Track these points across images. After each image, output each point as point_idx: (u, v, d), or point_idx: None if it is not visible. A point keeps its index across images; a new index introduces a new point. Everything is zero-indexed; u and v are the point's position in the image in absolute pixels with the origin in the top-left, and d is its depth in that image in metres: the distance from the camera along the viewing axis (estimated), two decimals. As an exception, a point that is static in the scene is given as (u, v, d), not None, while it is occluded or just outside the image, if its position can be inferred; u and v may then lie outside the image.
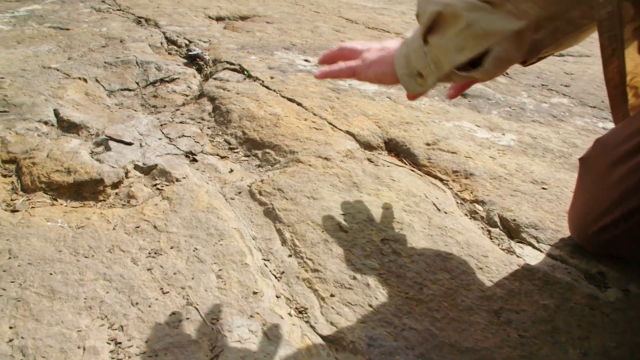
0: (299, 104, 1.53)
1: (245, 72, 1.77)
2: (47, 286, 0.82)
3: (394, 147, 1.35)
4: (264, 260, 0.92)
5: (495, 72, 0.71)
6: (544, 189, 1.16)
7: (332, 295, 0.83)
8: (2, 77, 1.61)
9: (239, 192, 1.12)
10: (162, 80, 1.74)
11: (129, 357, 0.71)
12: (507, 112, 1.63)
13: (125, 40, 2.12)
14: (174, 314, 0.78)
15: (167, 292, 0.82)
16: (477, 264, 0.92)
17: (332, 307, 0.81)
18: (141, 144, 1.30)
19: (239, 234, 0.97)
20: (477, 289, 0.86)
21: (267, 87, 1.66)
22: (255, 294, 0.82)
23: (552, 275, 0.89)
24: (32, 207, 1.05)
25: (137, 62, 1.84)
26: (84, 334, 0.74)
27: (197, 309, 0.78)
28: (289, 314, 0.80)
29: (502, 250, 0.98)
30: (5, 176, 1.15)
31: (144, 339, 0.73)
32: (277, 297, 0.83)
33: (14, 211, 1.03)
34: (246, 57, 1.94)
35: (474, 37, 0.66)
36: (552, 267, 0.92)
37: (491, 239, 1.02)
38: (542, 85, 1.95)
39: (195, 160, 1.25)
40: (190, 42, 2.14)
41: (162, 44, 2.13)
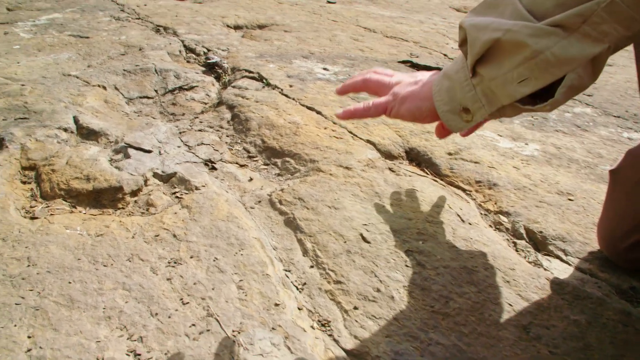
0: (319, 113, 1.52)
1: (264, 81, 1.76)
2: (65, 295, 0.81)
3: (415, 157, 1.32)
4: (285, 271, 0.90)
5: (564, 102, 0.63)
6: (570, 200, 1.13)
7: (356, 307, 0.81)
8: (22, 84, 1.62)
9: (259, 201, 1.11)
10: (180, 88, 1.74)
11: (149, 369, 0.69)
12: (529, 121, 1.60)
13: (144, 48, 2.12)
14: (194, 325, 0.76)
15: (187, 302, 0.80)
16: (504, 277, 0.89)
17: (356, 320, 0.79)
18: (160, 152, 1.29)
19: (259, 244, 0.95)
20: (505, 303, 0.83)
21: (286, 96, 1.64)
22: (277, 305, 0.80)
23: (582, 289, 0.86)
24: (51, 214, 1.04)
25: (155, 70, 1.84)
26: (102, 345, 0.72)
27: (217, 320, 0.77)
28: (312, 327, 0.78)
29: (529, 263, 0.95)
30: (24, 183, 1.15)
31: (164, 351, 0.72)
32: (299, 309, 0.81)
33: (33, 218, 1.02)
34: (265, 65, 1.94)
35: (544, 66, 0.58)
36: (581, 281, 0.89)
37: (517, 251, 0.99)
38: (565, 94, 1.91)
39: (214, 168, 1.24)
40: (208, 50, 2.14)
41: (180, 52, 2.14)
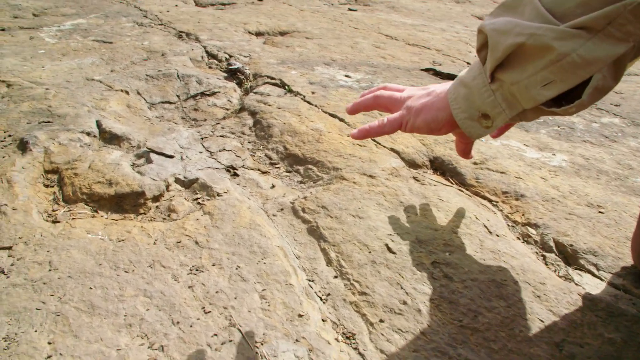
0: (341, 120, 1.50)
1: (286, 87, 1.75)
2: (86, 301, 0.80)
3: (439, 166, 1.30)
4: (309, 280, 0.88)
5: (588, 105, 0.62)
6: (600, 212, 1.09)
7: (382, 320, 0.79)
8: (47, 88, 1.62)
9: (281, 209, 1.09)
10: (202, 93, 1.73)
11: (170, 379, 0.68)
12: (556, 131, 1.56)
13: (166, 53, 2.13)
14: (216, 335, 0.74)
15: (209, 311, 0.78)
16: (535, 292, 0.86)
17: (382, 334, 0.77)
18: (182, 157, 1.28)
19: (282, 253, 0.93)
20: (536, 319, 0.80)
21: (309, 102, 1.63)
22: (300, 316, 0.78)
23: (616, 306, 0.83)
24: (73, 219, 1.03)
25: (178, 76, 1.84)
26: (123, 353, 0.71)
27: (240, 330, 0.75)
28: (336, 340, 0.76)
29: (560, 277, 0.92)
30: (47, 186, 1.15)
31: (186, 360, 0.70)
32: (323, 320, 0.79)
33: (55, 222, 1.02)
34: (287, 71, 1.93)
35: (570, 68, 0.57)
36: (615, 297, 0.86)
37: (547, 264, 0.96)
38: (592, 104, 1.87)
39: (236, 174, 1.23)
40: (230, 56, 2.14)
41: (202, 57, 2.14)
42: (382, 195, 1.12)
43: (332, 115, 1.53)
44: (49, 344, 0.72)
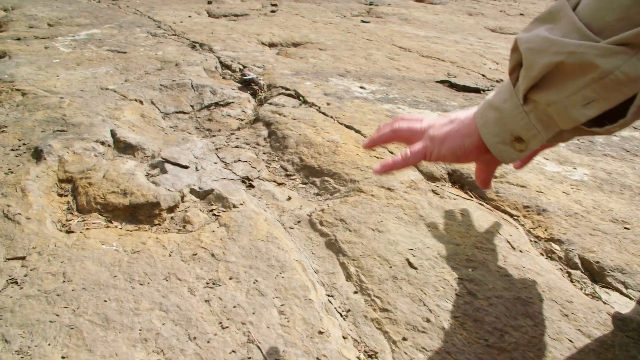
0: (358, 132, 1.48)
1: (300, 98, 1.74)
2: (101, 314, 0.78)
3: (458, 179, 1.27)
4: (328, 296, 0.86)
5: (631, 123, 0.59)
6: (626, 228, 1.06)
7: (405, 338, 0.76)
8: (61, 97, 1.62)
9: (298, 221, 1.07)
10: (216, 104, 1.72)
11: (187, 398, 0.65)
12: (575, 144, 1.53)
13: (180, 64, 2.12)
14: (234, 352, 0.72)
15: (227, 327, 0.76)
16: (562, 310, 0.83)
17: (405, 352, 0.74)
18: (197, 168, 1.26)
19: (300, 267, 0.91)
20: (565, 339, 0.77)
21: (324, 114, 1.61)
22: (321, 333, 0.76)
23: (648, 327, 0.80)
24: (87, 229, 1.02)
25: (192, 86, 1.83)
26: (139, 369, 0.69)
27: (259, 347, 0.72)
28: (358, 358, 0.73)
29: (586, 295, 0.89)
30: (61, 195, 1.13)
31: (203, 378, 0.68)
32: (344, 338, 0.77)
33: (69, 232, 1.00)
34: (301, 82, 1.91)
35: (614, 86, 0.55)
36: (645, 317, 0.83)
37: (572, 282, 0.93)
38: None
39: (251, 186, 1.21)
40: (244, 67, 2.13)
41: (216, 68, 2.13)
42: (401, 208, 1.10)
43: (348, 126, 1.52)
44: (63, 358, 0.70)
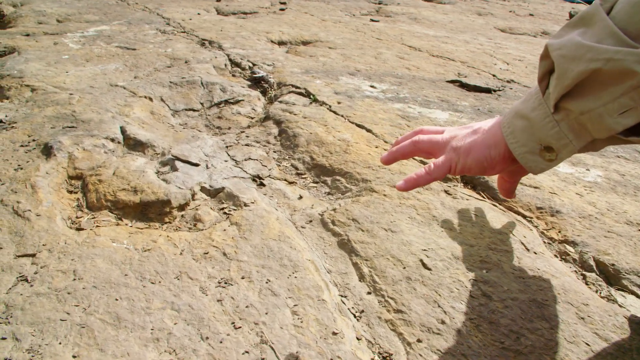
0: (369, 131, 1.47)
1: (311, 96, 1.73)
2: (112, 313, 0.77)
3: (470, 179, 1.26)
4: (341, 296, 0.85)
5: None
6: (642, 231, 1.05)
7: (419, 340, 0.75)
8: (71, 94, 1.61)
9: (310, 221, 1.06)
10: (226, 101, 1.71)
11: (200, 399, 0.64)
12: (589, 146, 1.52)
13: (190, 61, 2.12)
14: (247, 352, 0.71)
15: (240, 327, 0.75)
16: (578, 313, 0.82)
17: (420, 354, 0.73)
18: (207, 166, 1.25)
19: (313, 267, 0.90)
20: (582, 342, 0.76)
21: (335, 112, 1.60)
22: (334, 334, 0.75)
23: (666, 331, 0.79)
24: (97, 226, 1.01)
25: (202, 83, 1.82)
26: (151, 370, 0.68)
27: (272, 348, 0.71)
28: (373, 360, 0.72)
29: (602, 298, 0.88)
30: (71, 192, 1.12)
31: (216, 379, 0.67)
32: (358, 339, 0.76)
33: (79, 229, 0.99)
34: (311, 81, 1.90)
35: None
36: (663, 321, 0.81)
37: (587, 284, 0.92)
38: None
39: (262, 184, 1.20)
40: (254, 64, 2.12)
41: (226, 65, 2.12)
42: (413, 208, 1.08)
43: (359, 125, 1.50)
44: (74, 357, 0.69)
